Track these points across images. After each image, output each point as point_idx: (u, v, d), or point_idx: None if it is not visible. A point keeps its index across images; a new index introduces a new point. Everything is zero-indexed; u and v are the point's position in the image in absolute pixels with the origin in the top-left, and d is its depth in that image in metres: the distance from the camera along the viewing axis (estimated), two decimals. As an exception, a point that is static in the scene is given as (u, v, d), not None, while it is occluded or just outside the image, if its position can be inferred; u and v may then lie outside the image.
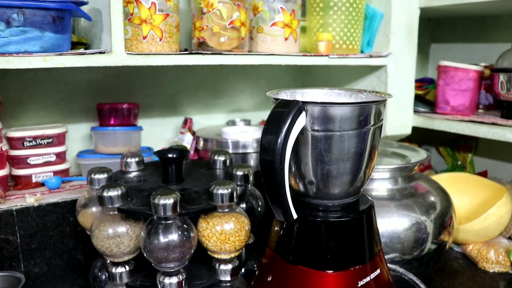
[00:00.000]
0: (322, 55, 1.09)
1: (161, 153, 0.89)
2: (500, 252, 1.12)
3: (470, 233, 1.14)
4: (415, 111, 1.32)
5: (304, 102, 0.63)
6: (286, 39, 1.07)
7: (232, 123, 1.33)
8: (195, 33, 0.99)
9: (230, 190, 0.78)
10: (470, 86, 1.23)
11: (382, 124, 0.69)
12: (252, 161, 1.16)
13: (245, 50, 1.02)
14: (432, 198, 1.02)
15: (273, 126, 0.63)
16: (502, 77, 1.16)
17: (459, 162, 1.49)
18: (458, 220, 1.14)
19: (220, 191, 0.77)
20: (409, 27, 1.22)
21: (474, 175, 1.29)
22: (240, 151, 1.16)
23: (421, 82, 1.45)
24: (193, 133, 1.21)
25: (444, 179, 1.31)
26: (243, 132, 1.20)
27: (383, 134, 1.28)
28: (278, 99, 0.66)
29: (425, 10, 1.23)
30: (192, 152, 1.20)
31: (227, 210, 0.79)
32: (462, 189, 1.29)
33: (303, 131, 0.65)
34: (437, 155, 1.56)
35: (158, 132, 1.28)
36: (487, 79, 1.29)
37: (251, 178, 0.90)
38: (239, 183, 0.89)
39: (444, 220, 1.00)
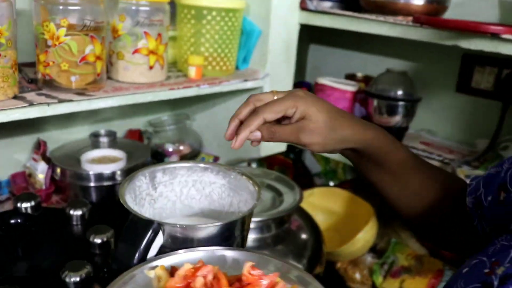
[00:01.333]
0: (191, 86, 0.98)
1: (2, 223, 0.76)
2: (365, 274, 1.17)
3: (339, 256, 1.18)
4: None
5: (160, 224, 0.55)
6: (151, 67, 0.95)
7: (94, 136, 1.18)
8: (40, 67, 0.83)
9: (84, 275, 0.69)
10: (346, 105, 1.22)
11: (246, 236, 0.63)
12: (118, 194, 1.05)
13: (102, 86, 0.88)
14: (304, 236, 1.02)
15: (126, 251, 0.56)
16: (375, 102, 1.16)
17: (332, 166, 1.51)
18: (327, 235, 1.16)
19: (73, 279, 0.69)
20: (288, 44, 1.16)
21: (346, 191, 1.32)
22: (105, 183, 1.04)
23: (298, 87, 1.41)
24: (48, 160, 1.06)
25: (317, 194, 1.33)
26: (106, 159, 1.07)
27: (257, 154, 1.23)
28: (132, 213, 0.57)
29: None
30: (47, 183, 1.05)
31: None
32: (333, 203, 1.32)
33: (161, 248, 0.57)
34: (312, 157, 1.57)
35: (7, 154, 1.10)
36: (361, 92, 1.28)
37: (112, 246, 0.81)
38: (97, 252, 0.79)
39: (316, 257, 1.00)
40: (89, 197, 1.06)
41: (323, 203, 1.33)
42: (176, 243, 0.56)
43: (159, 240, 0.56)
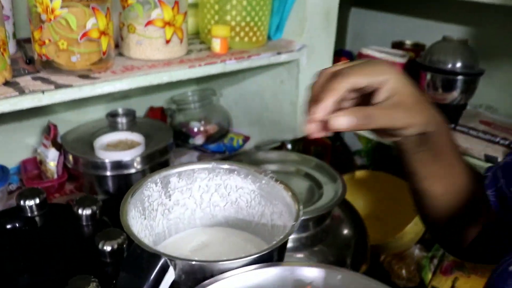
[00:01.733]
0: (216, 63, 0.84)
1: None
2: (412, 271, 1.04)
3: (384, 250, 1.05)
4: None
5: (170, 259, 0.43)
6: (167, 41, 0.81)
7: (111, 116, 1.07)
8: (35, 46, 0.71)
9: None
10: (394, 79, 1.06)
11: (283, 257, 0.51)
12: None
13: (109, 65, 0.75)
14: (346, 232, 0.90)
15: (129, 285, 0.44)
16: (429, 76, 0.99)
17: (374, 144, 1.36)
18: (368, 224, 1.03)
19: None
20: (328, 9, 0.99)
21: (388, 174, 1.17)
22: (122, 172, 0.93)
23: (337, 57, 1.25)
24: (59, 146, 0.95)
25: (358, 177, 1.19)
26: (123, 144, 0.97)
27: (292, 135, 1.10)
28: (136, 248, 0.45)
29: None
30: (60, 171, 0.95)
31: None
32: (376, 188, 1.18)
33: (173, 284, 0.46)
34: (352, 134, 1.42)
35: (17, 139, 1.00)
36: (412, 60, 1.11)
37: (125, 253, 0.70)
38: (108, 260, 0.69)
39: (361, 255, 0.89)
40: (105, 187, 0.96)
41: (365, 188, 1.19)
42: (193, 279, 0.44)
43: (170, 276, 0.44)
